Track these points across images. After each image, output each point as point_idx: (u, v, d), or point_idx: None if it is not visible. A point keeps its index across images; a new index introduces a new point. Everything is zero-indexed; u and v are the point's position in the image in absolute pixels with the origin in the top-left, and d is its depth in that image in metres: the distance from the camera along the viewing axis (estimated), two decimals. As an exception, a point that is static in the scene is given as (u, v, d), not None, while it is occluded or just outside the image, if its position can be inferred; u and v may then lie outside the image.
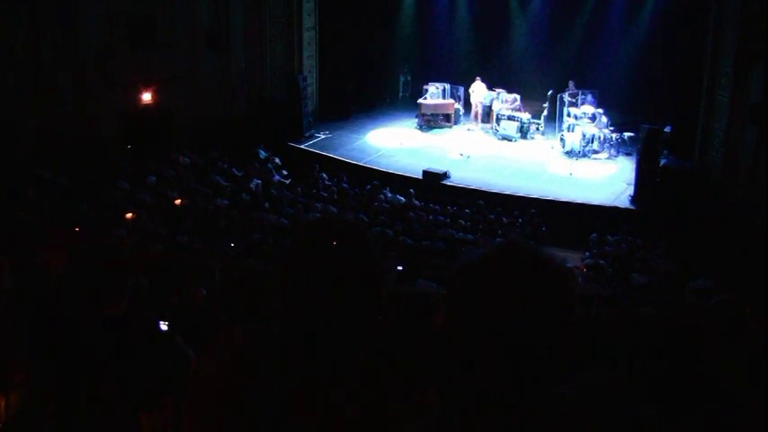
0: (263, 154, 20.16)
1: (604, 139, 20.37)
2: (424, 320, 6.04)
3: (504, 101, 22.43)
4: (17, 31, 17.05)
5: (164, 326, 4.56)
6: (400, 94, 25.92)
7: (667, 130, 18.83)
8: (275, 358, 1.96)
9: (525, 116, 22.00)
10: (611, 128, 20.56)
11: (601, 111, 20.65)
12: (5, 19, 16.82)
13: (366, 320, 2.01)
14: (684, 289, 12.64)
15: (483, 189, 18.45)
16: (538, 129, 22.18)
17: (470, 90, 23.14)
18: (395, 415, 1.98)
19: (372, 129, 23.13)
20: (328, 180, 18.62)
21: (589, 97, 21.40)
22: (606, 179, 19.24)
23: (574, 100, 21.63)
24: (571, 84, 21.91)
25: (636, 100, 21.53)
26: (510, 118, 22.04)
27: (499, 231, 15.77)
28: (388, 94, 25.85)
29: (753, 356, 2.93)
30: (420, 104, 23.21)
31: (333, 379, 1.94)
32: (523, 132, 21.87)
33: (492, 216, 16.65)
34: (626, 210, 17.64)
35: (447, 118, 23.29)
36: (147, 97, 19.82)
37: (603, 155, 20.36)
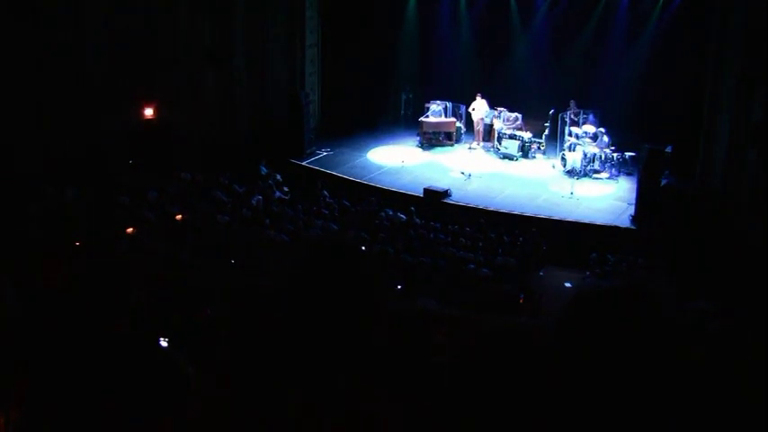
0: (264, 170, 20.17)
1: (605, 158, 20.41)
2: (423, 339, 6.02)
3: (506, 120, 22.49)
4: (19, 47, 17.12)
5: (164, 343, 4.56)
6: (402, 111, 25.95)
7: (668, 150, 18.87)
8: (271, 379, 1.95)
9: (527, 135, 22.05)
10: (613, 147, 20.59)
11: (602, 130, 20.70)
12: (9, 35, 16.90)
13: (363, 339, 2.00)
14: (684, 310, 12.60)
15: (484, 207, 18.48)
16: (539, 148, 22.23)
17: (471, 108, 23.19)
18: None
19: (374, 146, 23.17)
20: (329, 197, 18.62)
21: (590, 117, 21.47)
22: (607, 199, 19.26)
23: (575, 119, 21.70)
24: (572, 103, 21.98)
25: (637, 120, 21.55)
26: (511, 137, 22.10)
27: (500, 250, 15.76)
28: (390, 112, 25.91)
29: (752, 382, 2.92)
30: (421, 122, 23.26)
31: (328, 403, 1.93)
32: (525, 151, 21.92)
33: (493, 235, 16.65)
34: (626, 229, 17.64)
35: (448, 136, 23.34)
36: (148, 113, 19.87)
37: (604, 174, 20.40)
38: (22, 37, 17.11)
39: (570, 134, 21.26)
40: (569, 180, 19.99)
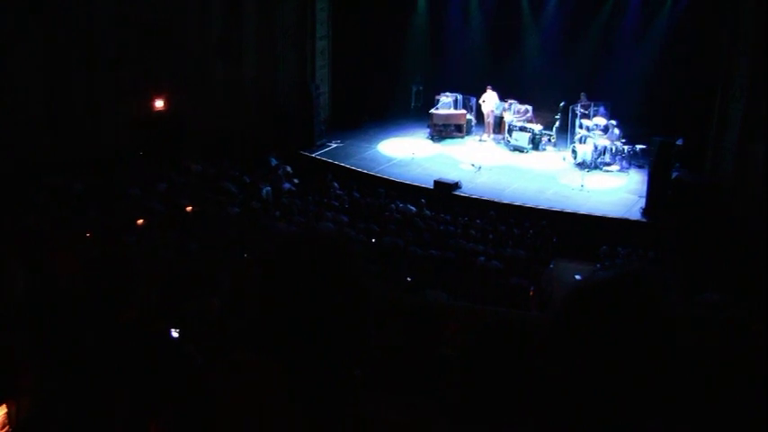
0: (274, 162, 20.18)
1: (616, 151, 20.34)
2: (433, 331, 6.01)
3: (517, 112, 22.44)
4: (31, 37, 17.17)
5: (174, 333, 4.56)
6: (412, 103, 25.91)
7: (679, 142, 18.79)
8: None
9: (537, 127, 22.00)
10: (623, 140, 20.51)
11: (614, 122, 20.63)
12: (20, 25, 16.93)
13: (352, 343, 1.94)
14: (694, 303, 12.57)
15: (494, 200, 18.45)
16: (550, 140, 22.18)
17: (481, 100, 23.13)
18: None
19: (384, 138, 23.17)
20: (339, 189, 18.61)
21: (601, 109, 21.40)
22: (618, 191, 19.20)
23: (586, 112, 21.63)
24: (583, 95, 21.89)
25: (648, 112, 21.45)
26: (522, 129, 22.05)
27: (510, 242, 15.74)
28: (401, 104, 25.85)
29: (760, 371, 2.90)
30: (432, 114, 23.22)
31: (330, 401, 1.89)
32: (535, 143, 21.87)
33: (503, 227, 16.62)
34: (637, 222, 17.59)
35: (459, 128, 23.29)
36: (159, 104, 19.91)
37: (615, 167, 20.33)
38: (32, 29, 17.14)
39: (581, 126, 21.21)
40: (580, 172, 19.94)
